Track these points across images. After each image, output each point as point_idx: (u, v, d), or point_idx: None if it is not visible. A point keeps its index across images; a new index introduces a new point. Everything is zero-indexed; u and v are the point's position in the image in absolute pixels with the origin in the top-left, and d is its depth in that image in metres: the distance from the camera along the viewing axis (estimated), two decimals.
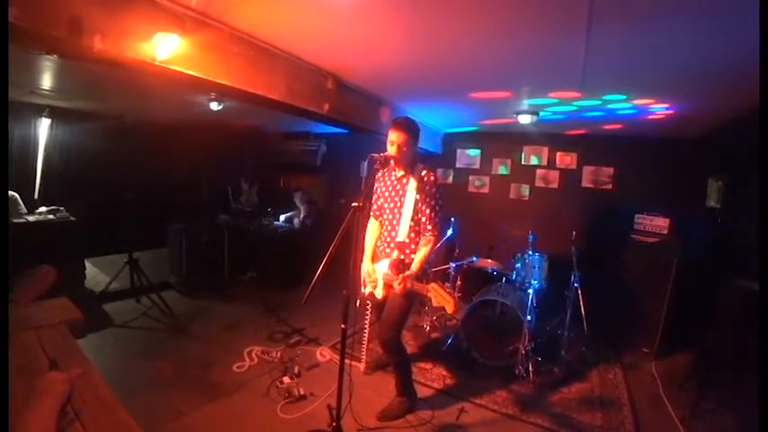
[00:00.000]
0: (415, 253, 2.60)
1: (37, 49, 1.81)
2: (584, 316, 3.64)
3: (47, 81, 3.49)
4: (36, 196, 4.77)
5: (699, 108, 3.36)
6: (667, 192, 4.63)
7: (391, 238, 2.68)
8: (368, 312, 3.20)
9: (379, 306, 2.79)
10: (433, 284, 2.37)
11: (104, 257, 5.27)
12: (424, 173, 2.58)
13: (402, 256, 2.63)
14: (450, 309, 2.31)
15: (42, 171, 4.86)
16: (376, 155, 2.38)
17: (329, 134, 6.63)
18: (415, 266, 2.50)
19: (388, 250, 2.70)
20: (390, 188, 2.72)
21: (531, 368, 3.43)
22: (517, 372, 3.40)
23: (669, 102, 3.28)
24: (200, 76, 2.14)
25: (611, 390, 3.41)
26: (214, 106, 4.21)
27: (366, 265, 2.77)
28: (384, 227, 2.78)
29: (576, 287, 3.67)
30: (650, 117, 3.74)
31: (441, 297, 2.32)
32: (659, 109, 3.47)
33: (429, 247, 2.56)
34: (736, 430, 2.67)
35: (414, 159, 2.63)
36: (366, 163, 2.30)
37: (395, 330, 2.65)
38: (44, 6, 1.47)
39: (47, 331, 1.56)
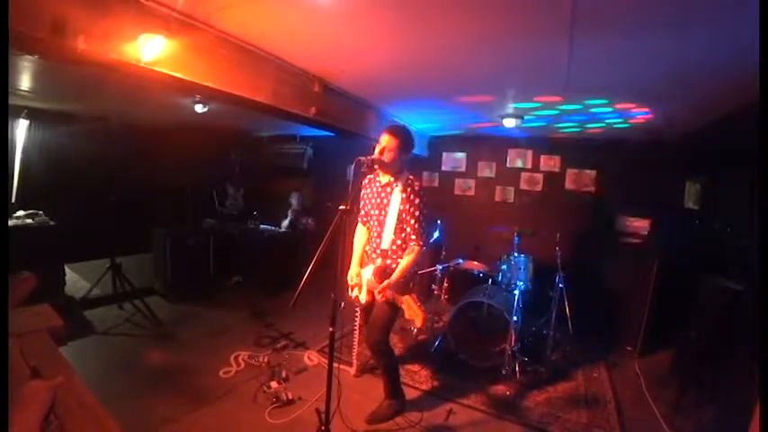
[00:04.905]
0: (398, 261, 2.61)
1: (18, 51, 1.76)
2: (568, 316, 3.71)
3: (26, 82, 3.39)
4: (13, 200, 4.64)
5: (677, 113, 3.46)
6: (648, 194, 4.74)
7: (377, 245, 2.68)
8: (356, 316, 3.20)
9: (368, 309, 2.80)
10: (407, 297, 2.43)
11: (86, 263, 5.14)
12: (409, 181, 2.58)
13: (389, 261, 2.63)
14: (419, 323, 2.43)
15: (20, 174, 4.72)
16: (363, 158, 2.38)
17: (316, 137, 6.61)
18: (394, 276, 2.51)
19: (374, 256, 2.71)
20: (375, 195, 2.72)
21: (517, 368, 3.47)
22: (504, 372, 3.44)
23: (648, 107, 3.37)
24: (186, 78, 2.12)
25: (597, 388, 3.47)
26: (199, 108, 4.15)
27: (353, 270, 2.78)
28: (371, 233, 2.78)
29: (561, 288, 3.73)
30: (631, 121, 3.84)
31: (412, 310, 2.41)
32: (640, 114, 3.56)
33: (412, 256, 2.55)
34: (717, 425, 2.74)
35: (401, 167, 2.62)
36: (353, 166, 2.31)
37: (382, 333, 2.66)
38: (25, 6, 1.44)
39: (28, 339, 1.52)
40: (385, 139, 2.50)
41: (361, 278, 2.71)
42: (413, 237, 2.56)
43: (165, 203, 5.83)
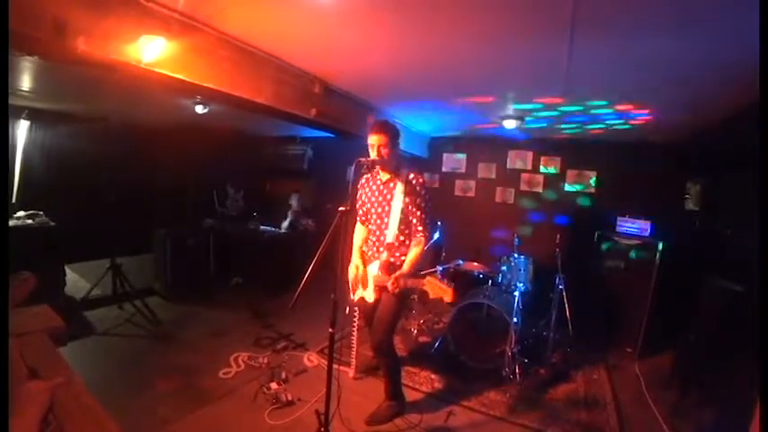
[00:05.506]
0: (404, 254, 2.61)
1: (19, 51, 1.76)
2: (568, 318, 3.70)
3: (26, 82, 3.40)
4: (14, 200, 4.64)
5: (677, 114, 3.46)
6: (648, 195, 4.74)
7: (380, 242, 2.68)
8: (356, 317, 3.19)
9: (368, 311, 2.79)
10: (428, 278, 2.35)
11: (86, 263, 5.14)
12: (411, 176, 2.59)
13: (392, 258, 2.63)
14: (448, 298, 2.27)
15: (21, 175, 4.73)
16: (363, 159, 2.39)
17: (316, 138, 6.61)
18: (406, 266, 2.51)
19: (377, 254, 2.70)
20: (377, 192, 2.72)
21: (517, 370, 3.46)
22: (504, 374, 3.43)
23: (648, 108, 3.37)
24: (187, 79, 2.13)
25: (597, 390, 3.46)
26: (199, 109, 4.16)
27: (353, 268, 2.78)
28: (372, 231, 2.77)
29: (561, 289, 3.73)
30: (631, 122, 3.84)
31: (438, 288, 2.29)
32: (639, 115, 3.56)
33: (420, 247, 2.57)
34: (717, 426, 2.73)
35: (399, 162, 2.64)
36: (353, 168, 2.31)
37: (386, 333, 2.65)
38: (26, 7, 1.44)
39: (27, 339, 1.52)
40: (375, 139, 2.50)
41: (365, 274, 2.70)
42: (419, 228, 2.58)
43: (165, 204, 5.83)
